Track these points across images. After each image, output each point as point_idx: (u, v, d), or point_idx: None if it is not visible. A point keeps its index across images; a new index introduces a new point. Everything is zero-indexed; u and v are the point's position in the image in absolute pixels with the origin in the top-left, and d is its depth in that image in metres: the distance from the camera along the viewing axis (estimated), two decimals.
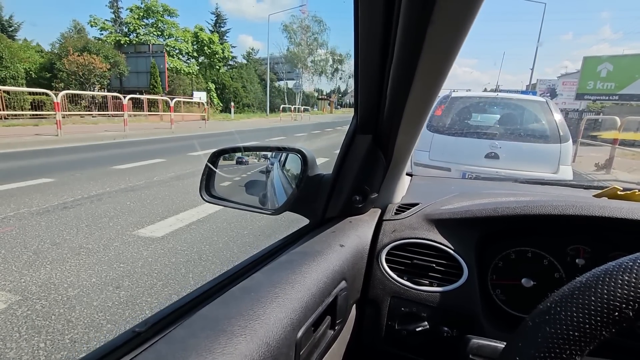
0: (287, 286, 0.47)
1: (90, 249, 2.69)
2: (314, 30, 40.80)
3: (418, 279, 0.68)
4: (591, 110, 21.35)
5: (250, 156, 1.20)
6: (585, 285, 0.27)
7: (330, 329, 0.57)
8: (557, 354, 0.25)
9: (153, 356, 0.34)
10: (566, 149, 3.36)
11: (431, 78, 0.55)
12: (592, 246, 0.66)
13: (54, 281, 2.19)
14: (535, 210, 0.67)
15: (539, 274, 0.68)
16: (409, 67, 0.52)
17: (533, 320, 0.28)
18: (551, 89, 28.05)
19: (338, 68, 48.05)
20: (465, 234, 0.71)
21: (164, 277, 2.32)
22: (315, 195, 0.78)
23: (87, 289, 2.12)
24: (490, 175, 3.31)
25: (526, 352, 0.27)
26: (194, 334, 0.36)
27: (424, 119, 0.69)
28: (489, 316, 0.65)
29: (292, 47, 41.32)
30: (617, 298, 0.25)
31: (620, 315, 0.25)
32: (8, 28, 24.80)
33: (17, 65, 15.15)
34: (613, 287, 0.26)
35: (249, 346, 0.36)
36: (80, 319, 1.83)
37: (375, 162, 0.74)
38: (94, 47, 19.65)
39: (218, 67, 31.62)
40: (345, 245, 0.65)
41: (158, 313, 0.44)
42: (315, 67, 43.16)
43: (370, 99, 0.65)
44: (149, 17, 28.35)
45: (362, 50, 0.57)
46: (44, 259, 2.47)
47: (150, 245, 2.82)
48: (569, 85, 26.71)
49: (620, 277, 0.26)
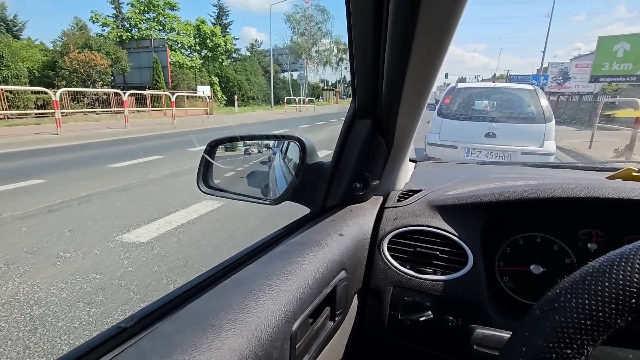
0: (281, 277, 0.45)
1: (68, 257, 2.49)
2: (317, 19, 38.56)
3: (421, 268, 0.66)
4: (607, 93, 20.47)
5: (252, 146, 1.15)
6: (598, 270, 0.25)
7: (330, 320, 0.55)
8: (566, 344, 0.24)
9: (136, 353, 0.33)
10: (550, 128, 4.15)
11: (428, 58, 0.52)
12: (606, 230, 0.63)
13: (19, 297, 1.99)
14: (543, 194, 0.63)
15: (549, 259, 0.65)
16: (404, 47, 0.50)
17: (541, 308, 0.27)
18: (563, 72, 26.95)
19: (343, 58, 46.45)
20: (470, 219, 0.68)
21: (143, 290, 2.11)
22: (315, 184, 0.76)
23: (55, 307, 1.91)
24: (489, 151, 4.27)
25: (533, 342, 0.25)
26: (181, 329, 0.35)
27: (424, 102, 0.65)
28: (496, 305, 0.62)
29: (295, 38, 39.36)
30: (634, 283, 0.23)
31: (637, 302, 0.23)
32: (13, 27, 24.59)
33: (20, 64, 14.98)
34: (630, 272, 0.24)
35: (238, 340, 0.35)
36: (39, 345, 1.62)
37: (375, 147, 0.72)
38: (95, 43, 19.24)
39: (221, 60, 29.95)
40: (344, 234, 0.63)
41: (145, 308, 0.42)
42: (319, 57, 41.12)
43: (368, 82, 0.63)
44: (150, 11, 26.77)
45: (355, 30, 0.55)
46: (15, 271, 2.28)
47: (134, 252, 2.61)
48: (582, 67, 25.48)
49: (638, 260, 0.24)
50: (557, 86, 26.75)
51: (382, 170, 0.78)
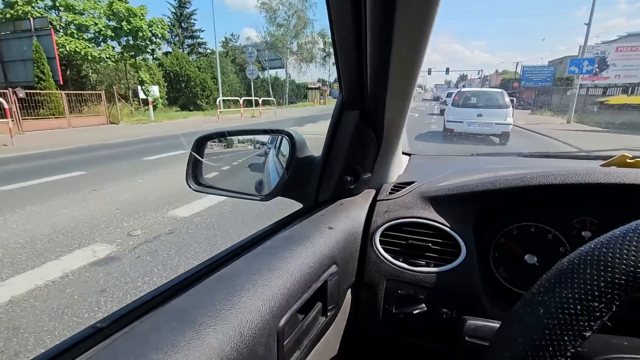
0: (267, 273, 0.45)
1: None
2: (297, 6, 33.40)
3: (414, 260, 0.66)
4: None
5: (246, 143, 1.14)
6: (586, 255, 0.25)
7: (322, 316, 0.55)
8: (557, 336, 0.24)
9: (110, 353, 0.32)
10: (509, 111, 8.42)
11: (410, 47, 0.52)
12: (599, 217, 0.63)
13: None
14: (535, 181, 0.63)
15: (544, 249, 0.65)
16: (385, 36, 0.50)
17: (532, 297, 0.27)
18: (600, 58, 20.38)
19: (330, 52, 41.87)
20: (463, 210, 0.68)
21: None
22: (307, 179, 0.75)
23: None
24: (478, 123, 8.54)
25: (522, 333, 0.25)
26: (158, 327, 0.34)
27: (410, 93, 0.64)
28: (491, 295, 0.62)
29: (272, 29, 33.82)
30: (623, 266, 0.23)
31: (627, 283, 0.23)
32: None
33: None
34: (619, 255, 0.24)
35: (218, 337, 0.34)
36: None
37: (365, 139, 0.72)
38: None
39: (151, 50, 20.21)
40: (335, 227, 0.62)
41: (123, 308, 0.40)
42: (301, 51, 35.88)
43: (353, 72, 0.63)
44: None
45: (336, 19, 0.55)
46: None
47: None
48: (626, 51, 19.79)
49: (627, 244, 0.24)
50: (591, 77, 19.44)
51: (374, 163, 0.77)
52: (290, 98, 37.53)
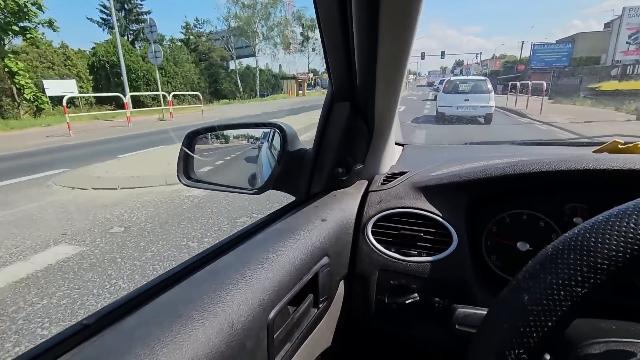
0: (257, 266, 0.45)
1: None
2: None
3: (406, 250, 0.66)
4: None
5: (239, 138, 1.13)
6: (570, 241, 0.26)
7: (313, 307, 0.55)
8: (542, 322, 0.24)
9: (96, 349, 0.32)
10: (492, 96, 9.91)
11: (396, 38, 0.52)
12: (590, 203, 0.63)
13: None
14: (525, 169, 0.63)
15: (535, 236, 0.65)
16: (371, 25, 0.49)
17: (518, 283, 0.27)
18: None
19: (309, 37, 36.06)
20: (454, 199, 0.69)
21: None
22: (298, 171, 0.75)
23: None
24: (466, 107, 10.13)
25: (507, 319, 0.25)
26: (145, 323, 0.34)
27: (400, 81, 0.64)
28: (484, 284, 0.63)
29: (239, 11, 29.29)
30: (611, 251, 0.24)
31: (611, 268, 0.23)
32: None
33: None
34: (601, 241, 0.24)
35: (206, 331, 0.34)
36: None
37: (356, 131, 0.72)
38: None
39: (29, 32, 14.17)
40: (327, 219, 0.62)
41: (111, 304, 0.40)
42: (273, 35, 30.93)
43: (341, 64, 0.63)
44: None
45: (322, 12, 0.54)
46: None
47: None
48: None
49: (617, 224, 0.24)
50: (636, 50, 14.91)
51: (365, 154, 0.77)
52: (265, 90, 33.06)
